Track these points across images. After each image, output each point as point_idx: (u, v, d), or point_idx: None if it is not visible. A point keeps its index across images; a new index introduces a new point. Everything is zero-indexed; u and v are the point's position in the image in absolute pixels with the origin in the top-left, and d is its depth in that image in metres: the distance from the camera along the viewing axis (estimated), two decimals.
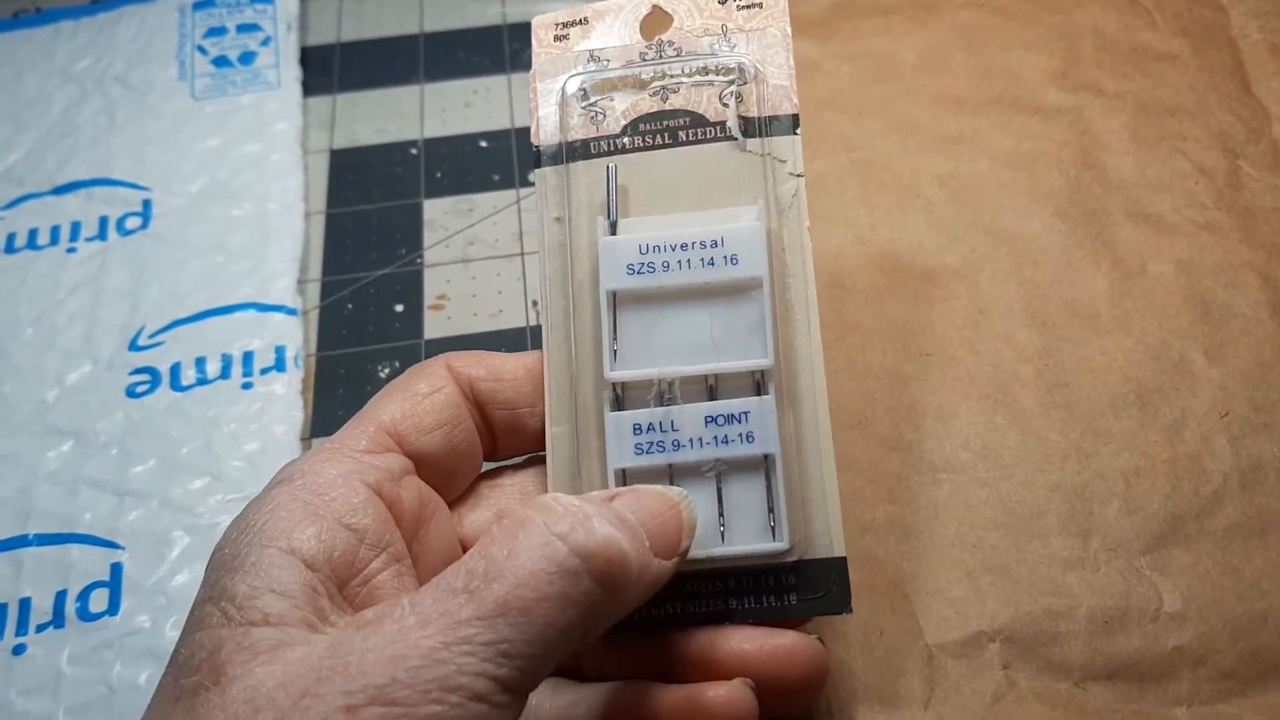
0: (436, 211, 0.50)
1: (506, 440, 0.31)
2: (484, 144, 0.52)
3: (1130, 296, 0.41)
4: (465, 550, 0.28)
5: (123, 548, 0.39)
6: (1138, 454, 0.37)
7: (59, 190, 0.50)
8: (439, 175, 0.51)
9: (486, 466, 0.32)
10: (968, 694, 0.32)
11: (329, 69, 0.55)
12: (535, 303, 0.46)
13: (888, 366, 0.39)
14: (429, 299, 0.47)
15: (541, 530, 0.24)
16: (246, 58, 0.54)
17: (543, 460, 0.31)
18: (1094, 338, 0.40)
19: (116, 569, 0.39)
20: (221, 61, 0.54)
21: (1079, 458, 0.37)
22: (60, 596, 0.38)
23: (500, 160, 0.51)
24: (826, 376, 0.29)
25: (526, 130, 0.52)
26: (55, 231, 0.48)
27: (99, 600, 0.38)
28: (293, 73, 0.54)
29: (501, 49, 0.56)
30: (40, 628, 0.37)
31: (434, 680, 0.22)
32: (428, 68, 0.55)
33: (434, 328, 0.46)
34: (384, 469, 0.28)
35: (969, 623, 0.34)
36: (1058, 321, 0.40)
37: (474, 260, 0.48)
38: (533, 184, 0.50)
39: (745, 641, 0.28)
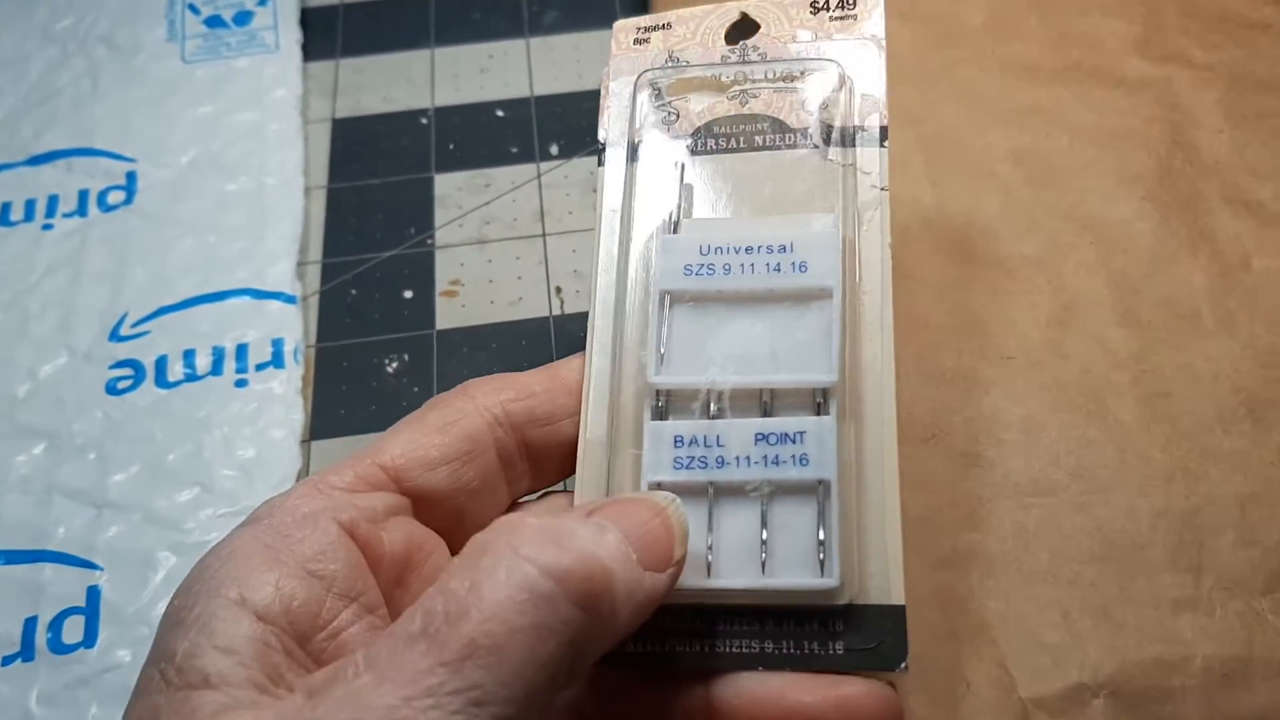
0: (449, 187, 0.47)
1: (548, 460, 0.29)
2: (501, 114, 0.49)
3: (1234, 295, 0.37)
4: None
5: (101, 568, 0.36)
6: (1252, 476, 0.33)
7: (35, 160, 0.47)
8: (451, 147, 0.48)
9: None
10: None
11: (332, 31, 0.52)
12: (559, 289, 0.43)
13: (964, 371, 0.35)
14: (441, 284, 0.44)
15: (507, 554, 0.21)
16: (242, 18, 0.51)
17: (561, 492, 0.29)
18: (1195, 341, 0.36)
19: (94, 593, 0.35)
20: (215, 22, 0.51)
21: (1186, 480, 0.33)
22: (30, 624, 0.34)
23: (519, 131, 0.48)
24: (896, 377, 0.27)
25: (547, 99, 0.49)
26: (30, 206, 0.45)
27: (73, 629, 0.34)
28: (292, 35, 0.51)
29: (520, 10, 0.52)
30: (6, 660, 0.34)
31: None
32: (439, 30, 0.52)
33: (447, 316, 0.43)
34: (363, 508, 0.25)
35: (1068, 673, 0.30)
36: (1153, 321, 0.36)
37: (491, 241, 0.45)
38: (555, 157, 0.47)
39: (806, 693, 0.25)
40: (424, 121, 0.49)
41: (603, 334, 0.29)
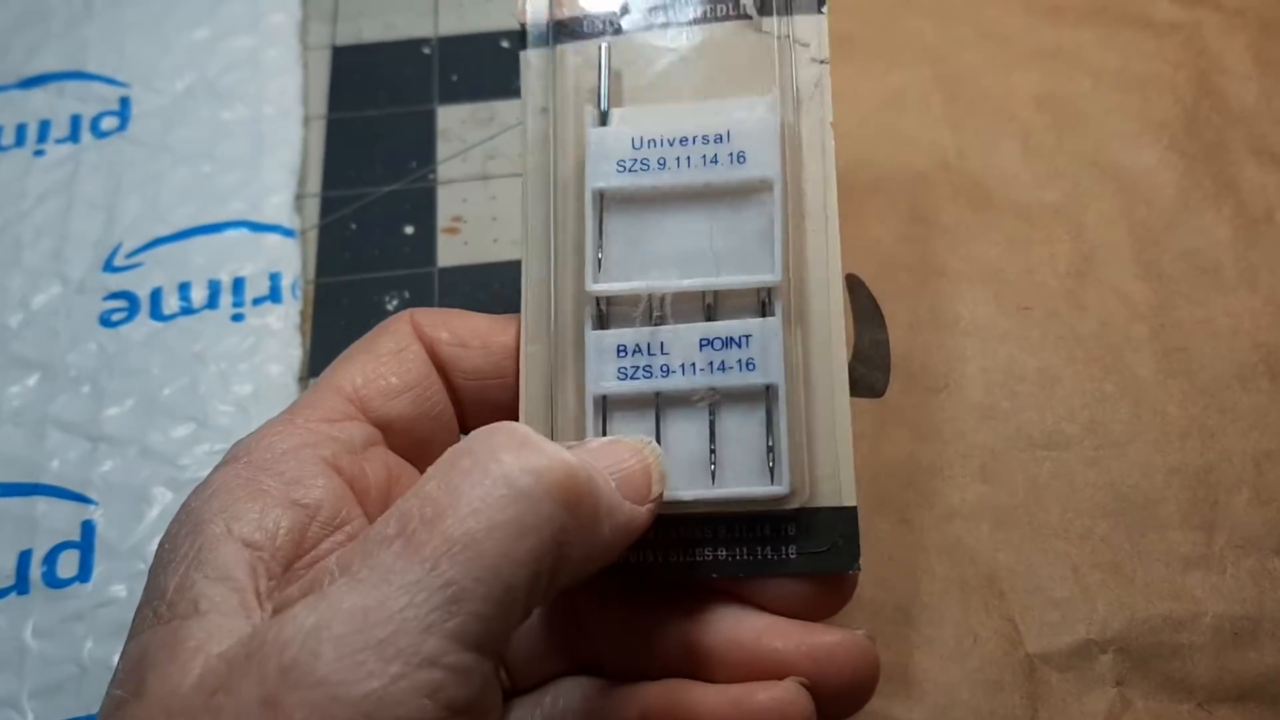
0: (452, 120, 0.45)
1: (475, 412, 0.28)
2: (506, 44, 0.47)
3: (1257, 248, 0.36)
4: None
5: (95, 503, 0.35)
6: (1270, 434, 0.32)
7: (26, 84, 0.45)
8: (455, 79, 0.46)
9: None
10: (1075, 715, 0.28)
11: None
12: None
13: (980, 320, 0.35)
14: (443, 220, 0.43)
15: (485, 455, 0.21)
16: None
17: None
18: (1216, 295, 0.35)
19: (88, 527, 0.34)
20: None
21: (1201, 436, 0.32)
22: (24, 557, 0.34)
23: None
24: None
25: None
26: (21, 131, 0.44)
27: (68, 563, 0.34)
28: None
29: None
30: (1, 593, 0.33)
31: (367, 648, 0.18)
32: None
33: (449, 254, 0.42)
34: (342, 440, 0.25)
35: (1076, 628, 0.30)
36: (1174, 274, 0.35)
37: (494, 177, 0.44)
38: None
39: (779, 639, 0.25)
40: (426, 51, 0.47)
41: (537, 243, 0.27)
